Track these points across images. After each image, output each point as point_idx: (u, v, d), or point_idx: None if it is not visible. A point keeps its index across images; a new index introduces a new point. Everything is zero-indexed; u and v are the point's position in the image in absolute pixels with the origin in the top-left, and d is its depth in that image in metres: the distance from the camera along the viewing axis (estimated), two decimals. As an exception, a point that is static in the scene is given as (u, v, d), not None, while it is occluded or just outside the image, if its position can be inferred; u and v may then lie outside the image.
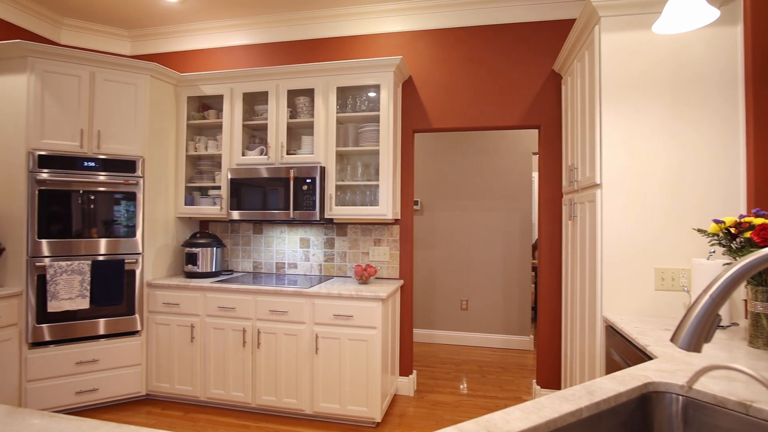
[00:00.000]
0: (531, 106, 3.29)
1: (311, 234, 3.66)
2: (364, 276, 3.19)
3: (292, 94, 3.47)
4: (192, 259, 3.37)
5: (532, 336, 4.71)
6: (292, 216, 3.18)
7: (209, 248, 3.41)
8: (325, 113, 3.25)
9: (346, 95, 3.41)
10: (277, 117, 3.34)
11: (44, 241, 2.92)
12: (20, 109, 2.91)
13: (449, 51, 3.44)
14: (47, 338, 2.92)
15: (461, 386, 3.64)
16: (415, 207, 4.95)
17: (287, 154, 3.35)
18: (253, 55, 3.84)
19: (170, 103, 3.50)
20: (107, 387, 3.10)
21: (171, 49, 4.02)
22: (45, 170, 2.94)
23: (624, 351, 1.88)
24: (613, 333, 2.07)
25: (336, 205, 3.28)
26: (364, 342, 2.82)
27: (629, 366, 1.80)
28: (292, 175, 3.19)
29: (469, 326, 4.81)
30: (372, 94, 3.36)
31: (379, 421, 2.89)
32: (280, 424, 2.92)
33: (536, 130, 4.62)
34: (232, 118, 3.43)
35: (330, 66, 3.21)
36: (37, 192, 2.90)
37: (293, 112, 3.46)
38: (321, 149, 3.25)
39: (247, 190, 3.29)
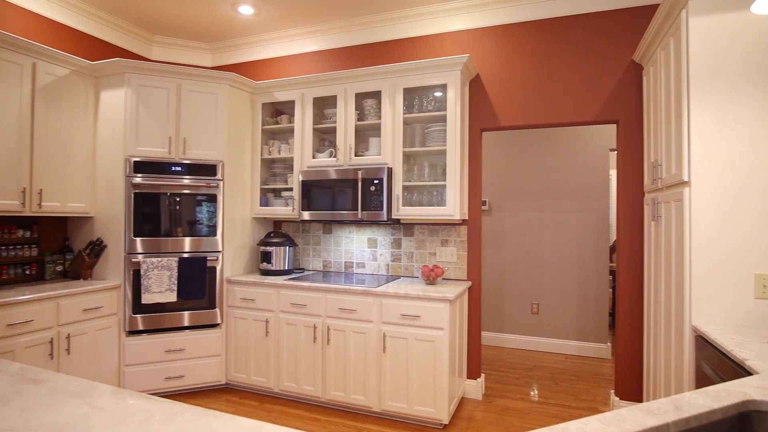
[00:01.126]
0: (608, 99, 3.10)
1: (378, 234, 3.71)
2: (431, 277, 3.18)
3: (360, 97, 3.54)
4: (266, 257, 3.55)
5: (609, 344, 4.44)
6: (360, 216, 3.24)
7: (282, 247, 3.57)
8: (391, 115, 3.29)
9: (412, 96, 3.42)
10: (345, 120, 3.42)
11: (138, 239, 3.22)
12: (119, 120, 3.23)
13: (518, 46, 3.34)
14: (141, 327, 3.22)
15: (532, 393, 3.51)
16: (483, 207, 4.85)
17: (355, 155, 3.42)
18: (322, 60, 3.97)
19: (246, 109, 3.71)
20: (192, 374, 3.34)
21: (246, 59, 4.26)
22: (139, 175, 3.23)
23: (717, 364, 1.72)
24: (704, 344, 1.90)
25: (403, 205, 3.30)
26: (431, 343, 2.82)
27: (723, 381, 1.64)
28: (360, 176, 3.25)
29: (541, 331, 4.63)
30: (438, 94, 3.34)
31: (447, 423, 2.86)
32: (349, 419, 2.99)
33: (614, 125, 4.35)
34: (303, 122, 3.57)
35: (396, 68, 3.24)
36: (132, 195, 3.20)
37: (361, 115, 3.53)
38: (388, 150, 3.28)
39: (317, 192, 3.40)
